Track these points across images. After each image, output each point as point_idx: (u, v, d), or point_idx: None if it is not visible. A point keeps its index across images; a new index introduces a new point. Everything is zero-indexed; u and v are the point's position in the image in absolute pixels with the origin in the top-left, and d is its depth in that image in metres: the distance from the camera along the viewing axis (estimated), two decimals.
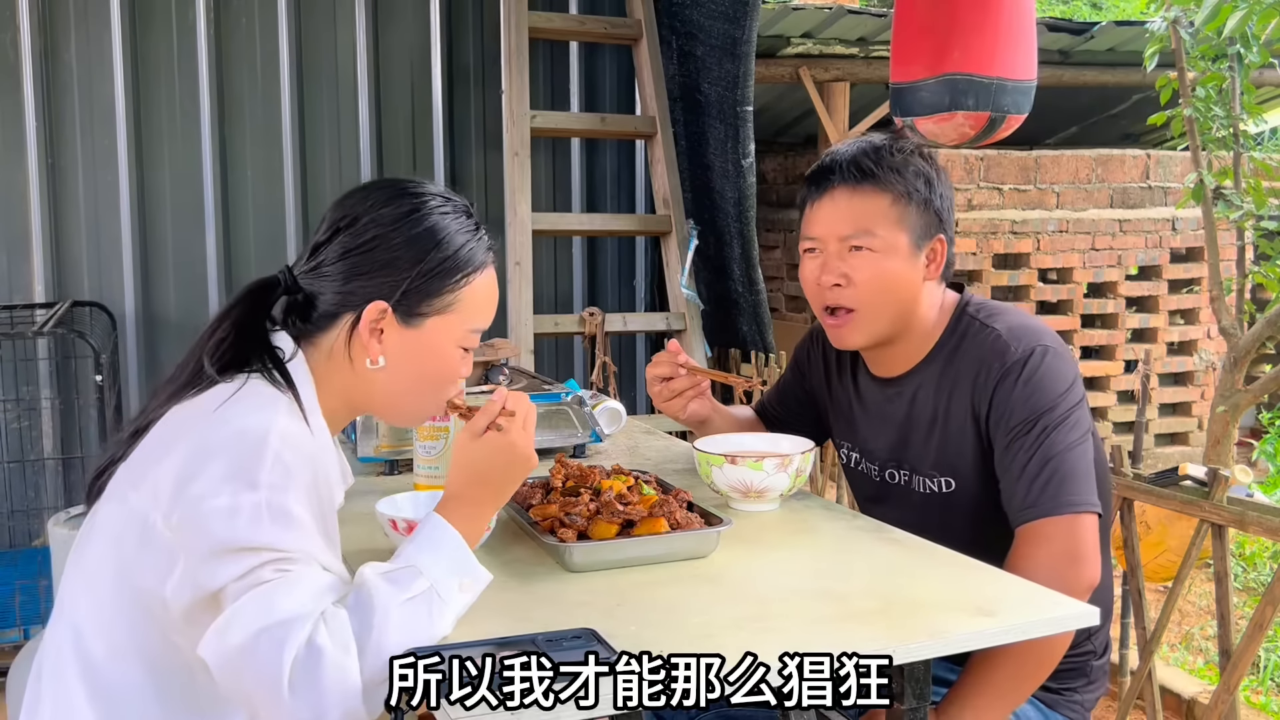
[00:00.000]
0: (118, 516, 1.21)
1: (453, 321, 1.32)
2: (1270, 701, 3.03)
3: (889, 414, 1.74)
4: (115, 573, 1.19)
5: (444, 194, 1.34)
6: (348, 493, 1.68)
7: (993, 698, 1.48)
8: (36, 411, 3.71)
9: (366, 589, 1.12)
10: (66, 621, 1.22)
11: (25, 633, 2.99)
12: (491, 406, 1.29)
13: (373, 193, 1.32)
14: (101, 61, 3.73)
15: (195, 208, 3.88)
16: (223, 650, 1.09)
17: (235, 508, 1.11)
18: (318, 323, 1.31)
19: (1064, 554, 1.50)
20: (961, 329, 1.68)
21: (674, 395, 1.86)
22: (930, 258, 1.66)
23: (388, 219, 1.29)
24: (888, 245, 1.63)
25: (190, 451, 1.16)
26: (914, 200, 1.64)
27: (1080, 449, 1.56)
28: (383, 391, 1.33)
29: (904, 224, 1.64)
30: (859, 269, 1.64)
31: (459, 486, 1.27)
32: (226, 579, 1.11)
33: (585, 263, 4.44)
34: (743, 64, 3.93)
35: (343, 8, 4.02)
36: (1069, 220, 5.26)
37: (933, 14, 2.53)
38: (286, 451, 1.16)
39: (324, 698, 1.06)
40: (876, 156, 1.65)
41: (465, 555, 1.20)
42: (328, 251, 1.30)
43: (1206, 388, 5.53)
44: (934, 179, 1.66)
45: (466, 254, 1.31)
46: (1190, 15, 3.88)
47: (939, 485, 1.67)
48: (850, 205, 1.64)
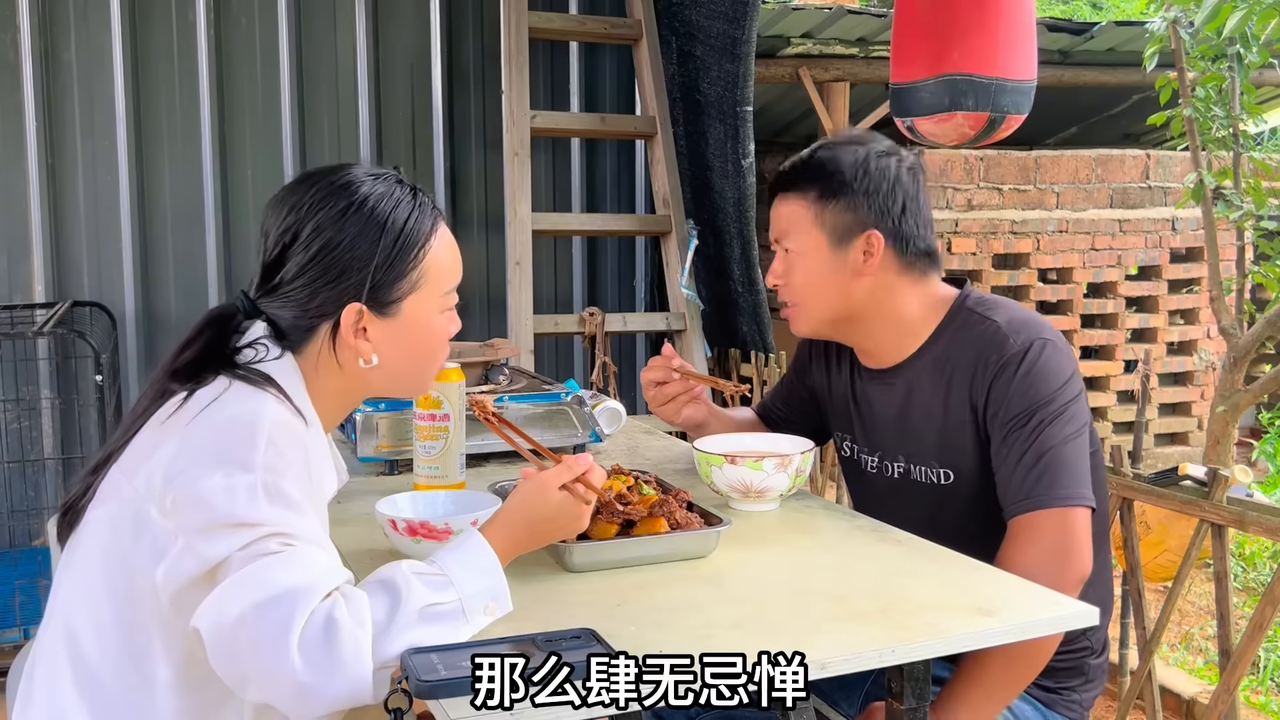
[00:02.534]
0: (109, 515, 1.20)
1: (426, 293, 1.32)
2: (1270, 701, 3.03)
3: (884, 406, 1.75)
4: (108, 571, 1.19)
5: (371, 172, 1.32)
6: (348, 492, 1.68)
7: (986, 695, 1.49)
8: (36, 411, 3.71)
9: (397, 582, 1.12)
10: (59, 622, 1.22)
11: (25, 633, 2.99)
12: (577, 466, 1.31)
13: (304, 196, 1.29)
14: (101, 61, 3.73)
15: (195, 208, 3.88)
16: (221, 620, 1.08)
17: (231, 487, 1.11)
18: (295, 337, 1.30)
19: (1054, 547, 1.50)
20: (959, 321, 1.68)
21: (668, 400, 1.88)
22: (867, 253, 1.67)
23: (328, 221, 1.27)
24: (805, 246, 1.70)
25: (182, 441, 1.16)
26: (829, 200, 1.67)
27: (1076, 443, 1.56)
28: (382, 380, 1.34)
29: (820, 223, 1.68)
30: (787, 270, 1.73)
31: (513, 522, 1.28)
32: (230, 549, 1.10)
33: (585, 263, 4.44)
34: (742, 64, 3.93)
35: (343, 8, 4.02)
36: (1069, 220, 5.26)
37: (933, 14, 2.53)
38: (280, 435, 1.16)
39: (335, 671, 1.05)
40: (805, 161, 1.71)
41: (499, 581, 1.20)
42: (284, 272, 1.29)
43: (1206, 388, 5.52)
44: (856, 175, 1.66)
45: (415, 226, 1.31)
46: (1190, 15, 3.88)
47: (938, 476, 1.68)
48: (777, 211, 1.74)
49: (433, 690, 1.02)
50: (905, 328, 1.71)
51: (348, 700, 1.07)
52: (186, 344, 1.28)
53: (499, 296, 4.10)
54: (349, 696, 1.07)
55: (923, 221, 1.70)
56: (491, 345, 2.22)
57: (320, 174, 1.33)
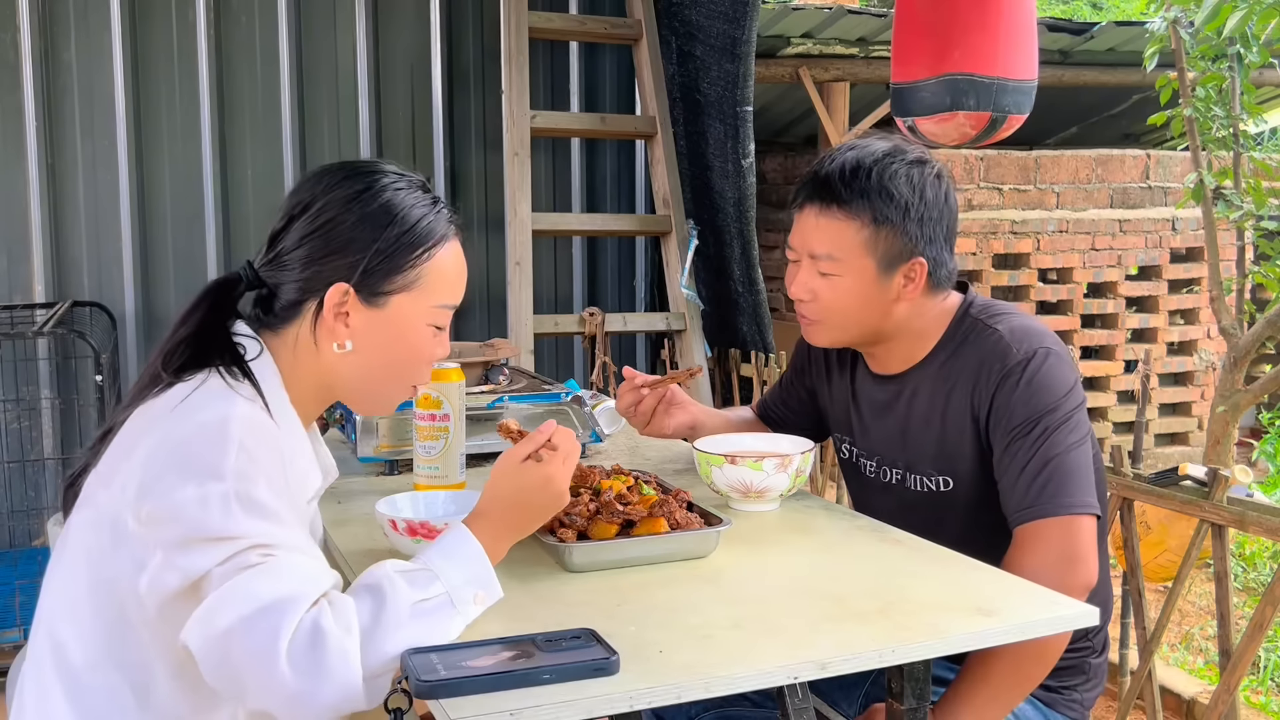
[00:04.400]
0: (89, 522, 1.20)
1: (419, 298, 1.30)
2: (1270, 701, 3.03)
3: (888, 411, 1.74)
4: (91, 579, 1.18)
5: (398, 171, 1.33)
6: (348, 492, 1.68)
7: (990, 697, 1.48)
8: (36, 411, 3.71)
9: (381, 584, 1.12)
10: (45, 632, 1.21)
11: (25, 633, 2.98)
12: (538, 436, 1.29)
13: (325, 176, 1.30)
14: (101, 61, 3.73)
15: (195, 208, 3.88)
16: (209, 635, 1.07)
17: (204, 497, 1.10)
18: (282, 314, 1.30)
19: (1061, 555, 1.50)
20: (964, 330, 1.67)
21: (650, 415, 1.86)
22: (909, 278, 1.64)
23: (341, 200, 1.27)
24: (851, 270, 1.63)
25: (153, 447, 1.15)
26: (884, 225, 1.60)
27: (1079, 451, 1.56)
28: (352, 376, 1.31)
29: (870, 250, 1.61)
30: (823, 289, 1.65)
31: (490, 505, 1.27)
32: (209, 564, 1.09)
33: (585, 263, 4.44)
34: (742, 64, 3.93)
35: (343, 8, 4.02)
36: (1069, 220, 5.26)
37: (933, 14, 2.53)
38: (249, 438, 1.15)
39: (323, 679, 1.05)
40: (852, 177, 1.61)
41: (485, 568, 1.20)
42: (285, 240, 1.29)
43: (1206, 388, 5.53)
44: (913, 201, 1.61)
45: (425, 227, 1.30)
46: (1190, 15, 3.88)
47: (936, 484, 1.68)
48: (818, 227, 1.64)
49: (433, 690, 1.02)
50: (918, 337, 1.70)
51: (340, 707, 1.07)
52: (187, 315, 1.28)
53: (499, 296, 4.10)
54: (341, 703, 1.06)
55: (954, 243, 1.68)
56: (491, 345, 2.22)
57: (349, 162, 1.34)
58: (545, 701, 1.02)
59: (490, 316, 4.21)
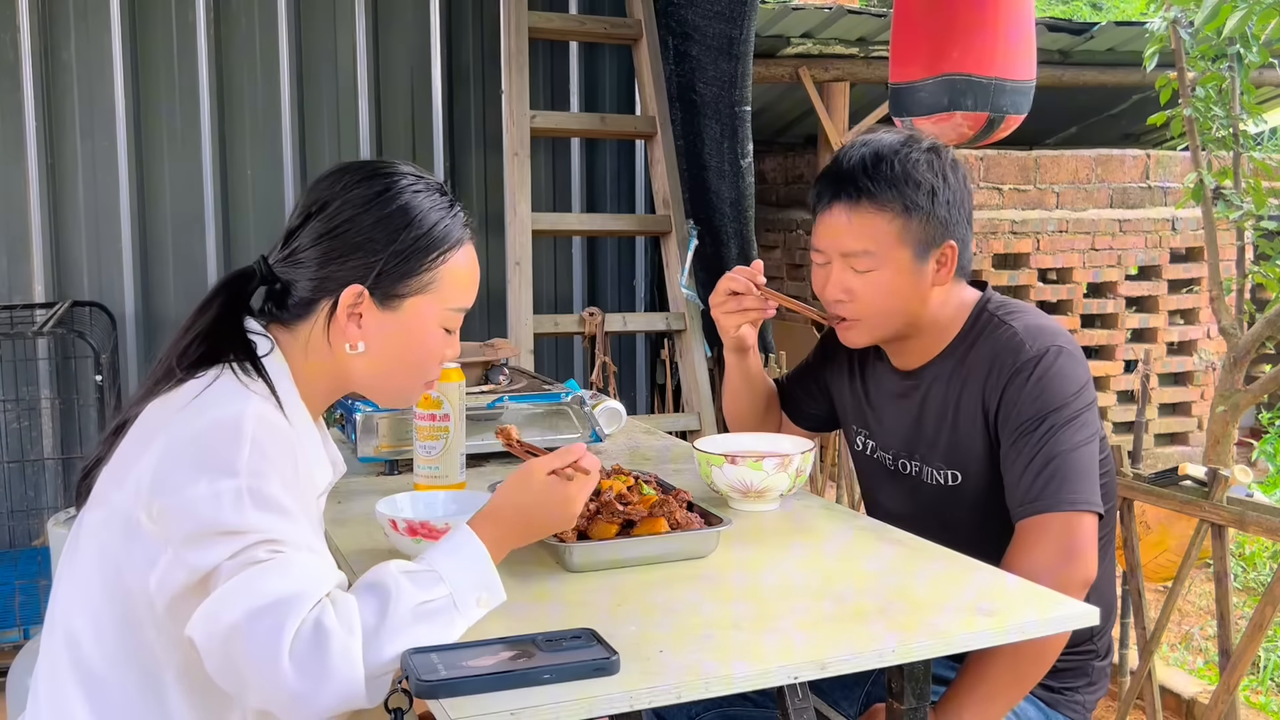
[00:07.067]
0: (102, 519, 1.20)
1: (432, 301, 1.30)
2: (1270, 701, 3.03)
3: (905, 405, 1.74)
4: (105, 577, 1.18)
5: (416, 172, 1.33)
6: (348, 492, 1.68)
7: (990, 696, 1.49)
8: (36, 411, 3.71)
9: (386, 584, 1.12)
10: (60, 630, 1.21)
11: (25, 633, 2.99)
12: (570, 454, 1.29)
13: (343, 175, 1.30)
14: (101, 61, 3.73)
15: (195, 208, 3.88)
16: (214, 629, 1.08)
17: (216, 494, 1.10)
18: (295, 310, 1.30)
19: (1061, 550, 1.50)
20: (980, 325, 1.68)
21: (739, 310, 1.80)
22: (940, 263, 1.65)
23: (358, 201, 1.27)
24: (888, 262, 1.63)
25: (166, 445, 1.15)
26: (915, 213, 1.61)
27: (1086, 449, 1.56)
28: (364, 374, 1.32)
29: (905, 239, 1.62)
30: (861, 286, 1.65)
31: (501, 508, 1.27)
32: (219, 558, 1.09)
33: (585, 263, 4.44)
34: (740, 64, 3.93)
35: (343, 8, 4.02)
36: (1069, 220, 5.26)
37: (932, 14, 2.53)
38: (263, 436, 1.15)
39: (326, 677, 1.05)
40: (875, 170, 1.61)
41: (489, 571, 1.20)
42: (301, 238, 1.29)
43: (1206, 388, 5.52)
44: (938, 186, 1.62)
45: (441, 231, 1.30)
46: (1190, 15, 3.88)
47: (946, 478, 1.68)
48: (850, 224, 1.63)
49: (433, 690, 1.02)
50: (938, 331, 1.70)
51: (342, 706, 1.07)
52: (202, 309, 1.28)
53: (499, 296, 4.10)
54: (342, 702, 1.07)
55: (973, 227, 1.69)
56: (491, 345, 2.22)
57: (366, 161, 1.34)
58: (545, 701, 1.02)
59: (490, 316, 4.21)
